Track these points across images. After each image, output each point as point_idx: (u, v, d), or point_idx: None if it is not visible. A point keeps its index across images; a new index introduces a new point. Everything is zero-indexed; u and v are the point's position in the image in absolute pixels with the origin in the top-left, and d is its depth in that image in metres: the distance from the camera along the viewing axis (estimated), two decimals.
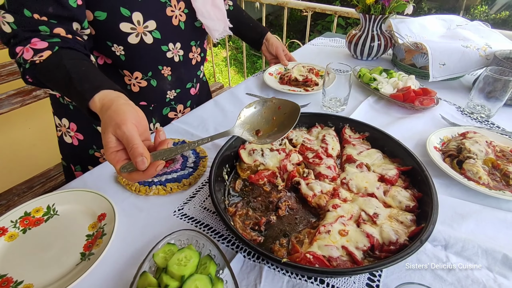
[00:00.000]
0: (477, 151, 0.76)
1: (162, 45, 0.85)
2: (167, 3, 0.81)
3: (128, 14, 0.74)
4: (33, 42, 0.65)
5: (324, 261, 0.51)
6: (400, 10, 1.22)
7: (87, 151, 0.96)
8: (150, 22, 0.79)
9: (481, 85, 0.94)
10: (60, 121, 0.96)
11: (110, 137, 0.51)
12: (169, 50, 0.87)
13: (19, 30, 0.65)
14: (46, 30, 0.66)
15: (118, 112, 0.53)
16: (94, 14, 0.73)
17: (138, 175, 0.50)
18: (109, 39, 0.79)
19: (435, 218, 0.55)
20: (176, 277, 0.48)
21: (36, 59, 0.65)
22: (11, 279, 0.53)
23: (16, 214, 0.63)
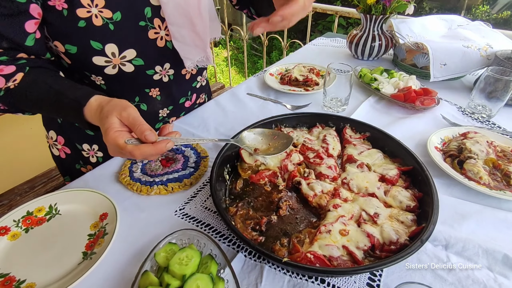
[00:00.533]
0: (478, 151, 0.77)
1: (147, 70, 0.78)
2: (148, 26, 0.72)
3: (100, 47, 0.67)
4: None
5: (325, 261, 0.52)
6: (401, 10, 1.22)
7: (74, 165, 0.94)
8: (128, 51, 0.71)
9: (482, 85, 0.94)
10: (47, 133, 0.94)
11: (114, 119, 0.53)
12: (156, 73, 0.81)
13: None
14: (6, 58, 0.62)
15: (121, 101, 0.55)
16: (65, 47, 0.67)
17: (148, 147, 0.52)
18: (86, 70, 0.74)
19: (436, 218, 0.55)
20: (177, 276, 0.48)
21: (10, 84, 0.62)
22: (13, 278, 0.54)
23: (19, 214, 0.64)
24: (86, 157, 0.90)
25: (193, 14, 0.74)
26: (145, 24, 0.71)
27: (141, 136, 0.52)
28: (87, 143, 0.88)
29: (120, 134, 0.52)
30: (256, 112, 1.02)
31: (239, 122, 0.96)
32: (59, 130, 0.91)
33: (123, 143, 0.51)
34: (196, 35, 0.78)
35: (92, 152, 0.89)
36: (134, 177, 0.74)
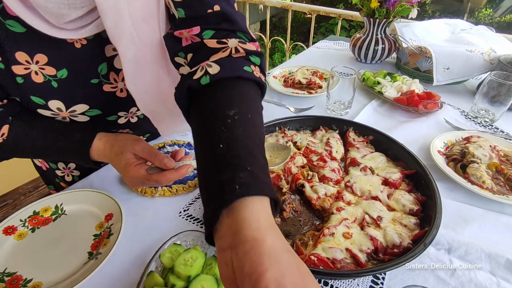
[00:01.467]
0: (481, 156, 0.77)
1: (108, 117, 0.71)
2: (102, 82, 0.63)
3: (42, 102, 0.58)
4: None
5: (328, 263, 0.52)
6: (405, 14, 1.22)
7: (54, 178, 0.87)
8: (79, 106, 0.63)
9: (485, 89, 0.95)
10: None
11: (130, 154, 0.56)
12: (120, 117, 0.74)
13: None
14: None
15: (130, 135, 0.58)
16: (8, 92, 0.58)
17: (172, 173, 0.55)
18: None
19: (439, 221, 0.55)
20: (182, 277, 0.48)
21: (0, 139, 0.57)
22: (20, 277, 0.55)
23: (25, 213, 0.65)
24: (61, 176, 0.84)
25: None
26: (99, 81, 0.63)
27: (160, 164, 0.56)
28: (63, 162, 0.81)
29: (140, 166, 0.56)
30: None
31: None
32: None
33: (147, 174, 0.55)
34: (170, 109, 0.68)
35: (68, 171, 0.83)
36: None
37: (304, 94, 1.12)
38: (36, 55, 0.53)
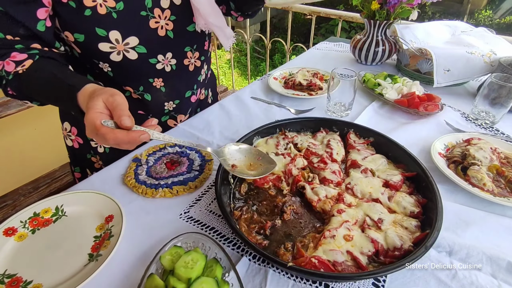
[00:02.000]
0: (482, 158, 0.77)
1: (150, 58, 0.82)
2: (149, 16, 0.76)
3: (104, 34, 0.72)
4: (12, 55, 0.67)
5: (329, 266, 0.52)
6: (405, 16, 1.23)
7: (85, 155, 0.99)
8: (131, 38, 0.75)
9: (486, 91, 0.95)
10: (62, 125, 1.00)
11: (99, 101, 0.53)
12: (158, 62, 0.84)
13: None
14: (22, 47, 0.68)
15: (113, 89, 0.56)
16: (74, 36, 0.72)
17: (121, 133, 0.51)
18: (94, 58, 0.78)
19: (440, 224, 0.55)
20: (183, 279, 0.48)
21: (19, 69, 0.68)
22: (20, 279, 0.54)
23: (26, 215, 0.64)
24: (95, 147, 0.96)
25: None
26: (146, 14, 0.75)
27: (118, 120, 0.52)
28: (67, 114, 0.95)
29: (99, 115, 0.52)
30: (260, 116, 1.03)
31: (244, 126, 0.97)
32: (73, 121, 0.96)
33: (99, 124, 0.51)
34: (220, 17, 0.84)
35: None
36: (139, 179, 0.75)
37: (305, 96, 1.12)
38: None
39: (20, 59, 0.67)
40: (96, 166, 1.01)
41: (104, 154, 0.96)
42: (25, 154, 1.72)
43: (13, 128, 1.61)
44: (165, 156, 0.84)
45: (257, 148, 0.76)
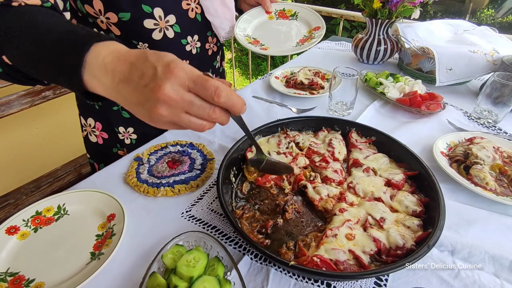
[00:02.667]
0: (484, 157, 0.76)
1: (182, 39, 0.86)
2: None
3: (149, 10, 0.76)
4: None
5: (331, 265, 0.52)
6: (407, 14, 1.22)
7: (111, 149, 1.01)
8: (170, 16, 0.80)
9: (488, 90, 0.94)
10: (85, 121, 1.00)
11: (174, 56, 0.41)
12: (188, 43, 0.89)
13: None
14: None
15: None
16: (118, 16, 0.74)
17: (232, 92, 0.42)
18: (134, 38, 0.80)
19: (442, 223, 0.55)
20: (185, 278, 0.48)
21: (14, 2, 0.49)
22: (23, 277, 0.55)
23: (28, 213, 0.65)
24: (122, 139, 0.97)
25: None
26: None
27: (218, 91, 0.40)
28: (123, 126, 0.96)
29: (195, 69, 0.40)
30: (262, 115, 1.03)
31: None
32: (97, 116, 0.97)
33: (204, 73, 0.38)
34: (225, 7, 0.89)
35: (127, 134, 0.97)
36: (141, 178, 0.75)
37: (306, 95, 1.12)
38: None
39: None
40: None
41: (130, 146, 0.98)
42: (27, 153, 1.72)
43: (14, 127, 1.62)
44: (166, 155, 0.84)
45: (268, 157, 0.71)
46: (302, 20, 1.04)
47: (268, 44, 0.99)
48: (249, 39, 0.99)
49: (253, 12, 1.04)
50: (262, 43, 0.99)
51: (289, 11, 1.06)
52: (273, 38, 1.02)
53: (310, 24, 1.03)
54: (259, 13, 1.05)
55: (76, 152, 1.66)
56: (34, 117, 1.68)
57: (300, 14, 1.05)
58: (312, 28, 1.01)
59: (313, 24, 1.02)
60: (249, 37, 1.00)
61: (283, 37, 1.02)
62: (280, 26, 1.04)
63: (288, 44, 1.00)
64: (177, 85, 0.36)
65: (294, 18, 1.05)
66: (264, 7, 1.04)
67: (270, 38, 1.01)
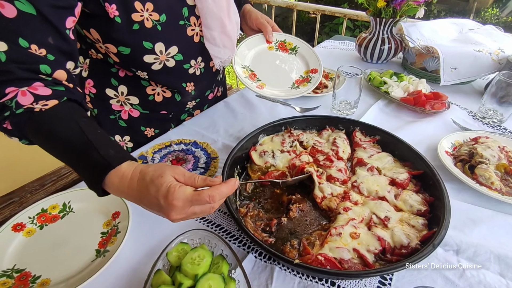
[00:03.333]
0: (490, 156, 0.76)
1: (184, 64, 0.84)
2: (186, 25, 0.79)
3: (150, 46, 0.74)
4: (34, 85, 0.55)
5: (336, 263, 0.52)
6: (411, 13, 1.22)
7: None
8: (172, 48, 0.78)
9: (494, 89, 0.94)
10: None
11: (170, 177, 0.47)
12: (191, 67, 0.87)
13: (14, 66, 0.53)
14: (47, 71, 0.56)
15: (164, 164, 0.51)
16: (117, 49, 0.72)
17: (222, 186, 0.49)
18: (133, 67, 0.79)
19: (448, 222, 0.55)
20: (189, 275, 0.48)
21: (37, 106, 0.54)
22: (29, 274, 0.55)
23: (34, 211, 0.65)
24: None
25: (223, 18, 0.81)
26: (184, 23, 0.78)
27: (205, 183, 0.48)
28: (119, 134, 0.94)
29: (187, 188, 0.46)
30: (265, 114, 1.03)
31: (249, 124, 0.97)
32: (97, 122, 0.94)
33: (196, 192, 0.46)
34: (226, 36, 0.84)
35: (123, 143, 0.96)
36: None
37: (310, 94, 1.12)
38: (146, 3, 0.69)
39: (42, 93, 0.55)
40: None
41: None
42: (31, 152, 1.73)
43: None
44: (170, 153, 0.84)
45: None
46: (301, 57, 1.01)
47: (265, 80, 0.97)
48: (247, 71, 0.97)
49: (254, 39, 1.02)
50: (259, 78, 0.97)
51: (289, 44, 1.03)
52: (270, 72, 0.99)
53: (308, 64, 1.00)
54: (259, 41, 1.02)
55: None
56: None
57: (300, 50, 1.02)
58: (309, 70, 0.98)
59: (311, 65, 0.99)
60: (246, 68, 0.98)
61: (280, 74, 0.99)
62: (278, 59, 1.01)
63: (284, 82, 0.98)
64: (179, 210, 0.46)
65: (293, 53, 1.02)
66: (265, 36, 1.01)
67: (267, 73, 0.98)
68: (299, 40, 1.04)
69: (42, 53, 0.55)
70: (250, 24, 1.04)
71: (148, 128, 0.95)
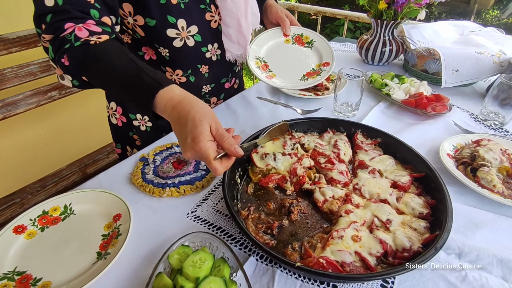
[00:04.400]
0: (492, 159, 0.76)
1: (202, 47, 0.92)
2: (206, 9, 0.87)
3: (174, 21, 0.82)
4: (88, 23, 0.64)
5: (337, 266, 0.52)
6: (413, 15, 1.21)
7: (127, 132, 1.07)
8: (193, 27, 0.86)
9: (495, 92, 0.93)
10: (108, 104, 1.07)
11: (206, 126, 0.54)
12: (208, 51, 0.94)
13: (70, 7, 0.63)
14: (95, 15, 0.66)
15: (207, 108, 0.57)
16: (145, 20, 0.80)
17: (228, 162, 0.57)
18: (156, 43, 0.86)
19: (450, 225, 0.54)
20: (191, 278, 0.48)
21: (92, 39, 0.63)
22: (30, 276, 0.55)
23: (35, 213, 0.65)
24: (137, 126, 1.04)
25: (240, 18, 0.90)
26: (204, 7, 0.87)
27: (229, 150, 0.55)
28: (140, 113, 1.02)
29: (212, 146, 0.54)
30: (266, 116, 1.03)
31: (250, 126, 0.97)
32: (118, 101, 1.04)
33: (212, 159, 0.53)
34: (240, 34, 0.93)
35: (143, 122, 1.04)
36: (146, 178, 0.75)
37: (311, 96, 1.12)
38: None
39: (95, 30, 0.65)
40: (136, 144, 1.09)
41: (145, 133, 1.05)
42: (33, 153, 1.73)
43: (21, 127, 1.63)
44: (172, 155, 0.84)
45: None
46: (316, 51, 1.04)
47: (276, 71, 1.01)
48: (260, 62, 1.02)
49: (271, 33, 1.06)
50: (270, 69, 1.02)
51: (306, 38, 1.06)
52: (283, 64, 1.03)
53: (322, 57, 1.03)
54: (277, 34, 1.07)
55: (81, 152, 1.68)
56: (40, 117, 1.69)
57: (315, 43, 1.05)
58: (322, 63, 1.01)
59: (324, 59, 1.02)
60: (260, 59, 1.02)
61: (292, 66, 1.02)
62: (293, 52, 1.04)
63: (295, 74, 1.01)
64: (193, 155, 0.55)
65: (309, 46, 1.05)
66: (283, 29, 1.07)
67: (279, 64, 1.03)
68: (316, 34, 1.07)
69: (91, 1, 0.66)
70: (270, 18, 1.09)
71: None
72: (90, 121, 1.89)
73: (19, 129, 1.63)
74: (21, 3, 1.44)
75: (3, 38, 1.25)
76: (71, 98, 1.57)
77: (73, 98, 1.61)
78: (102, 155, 1.66)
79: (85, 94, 1.63)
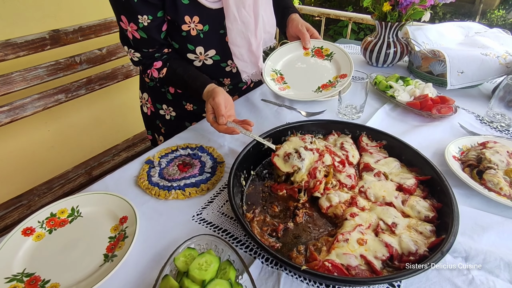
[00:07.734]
0: (498, 162, 0.75)
1: (222, 63, 1.02)
2: (225, 34, 0.95)
3: (192, 48, 0.95)
4: (154, 64, 0.95)
5: (343, 270, 0.52)
6: (417, 17, 1.21)
7: (155, 121, 1.21)
8: (211, 51, 0.97)
9: (502, 93, 0.93)
10: (141, 94, 1.23)
11: (208, 105, 0.83)
12: (227, 66, 1.04)
13: (144, 60, 0.95)
14: (158, 55, 0.95)
15: (214, 91, 0.83)
16: (172, 42, 0.96)
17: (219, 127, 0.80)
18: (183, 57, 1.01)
19: (456, 229, 0.54)
20: (197, 281, 0.49)
21: (160, 75, 0.97)
22: (39, 278, 0.56)
23: (43, 215, 0.66)
24: (163, 115, 1.18)
25: (250, 37, 0.96)
26: (223, 32, 0.95)
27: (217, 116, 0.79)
28: (166, 104, 1.16)
29: (210, 115, 0.82)
30: (271, 118, 1.03)
31: (254, 128, 0.96)
32: (149, 92, 1.18)
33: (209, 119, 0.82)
34: (251, 53, 1.00)
35: (168, 111, 1.16)
36: (152, 181, 0.76)
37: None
38: (193, 16, 0.88)
39: (158, 66, 0.95)
40: (162, 131, 1.22)
41: (168, 122, 1.18)
42: (39, 155, 1.75)
43: (27, 129, 1.65)
44: (177, 158, 0.84)
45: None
46: (335, 63, 1.04)
47: (290, 83, 1.02)
48: (275, 74, 1.03)
49: (291, 46, 1.08)
50: (286, 81, 1.04)
51: (326, 50, 1.06)
52: (299, 77, 1.03)
53: (340, 69, 1.02)
54: (297, 47, 1.08)
55: (87, 155, 1.69)
56: (46, 119, 1.71)
57: (335, 55, 1.05)
58: (339, 75, 1.01)
59: (342, 70, 1.01)
60: (276, 72, 1.04)
61: (309, 78, 1.03)
62: (311, 65, 1.05)
63: (310, 86, 1.01)
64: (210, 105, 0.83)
65: (329, 59, 1.05)
66: (302, 42, 1.07)
67: (295, 76, 1.04)
68: (337, 46, 1.07)
69: (154, 50, 0.94)
70: (291, 32, 1.11)
71: (188, 104, 1.13)
72: (95, 124, 1.91)
73: (26, 131, 1.65)
74: (29, 8, 1.46)
75: (11, 43, 1.27)
76: (77, 101, 1.58)
77: (79, 101, 1.63)
78: (107, 158, 1.68)
79: (90, 97, 1.65)
